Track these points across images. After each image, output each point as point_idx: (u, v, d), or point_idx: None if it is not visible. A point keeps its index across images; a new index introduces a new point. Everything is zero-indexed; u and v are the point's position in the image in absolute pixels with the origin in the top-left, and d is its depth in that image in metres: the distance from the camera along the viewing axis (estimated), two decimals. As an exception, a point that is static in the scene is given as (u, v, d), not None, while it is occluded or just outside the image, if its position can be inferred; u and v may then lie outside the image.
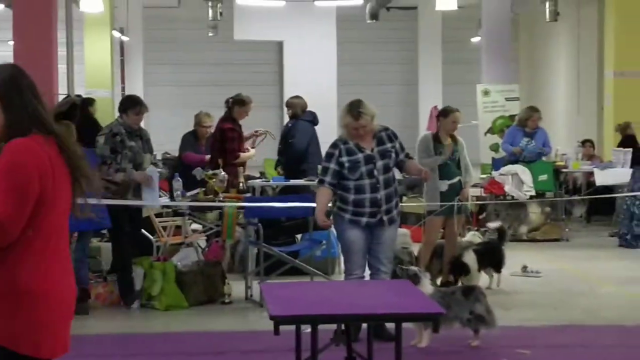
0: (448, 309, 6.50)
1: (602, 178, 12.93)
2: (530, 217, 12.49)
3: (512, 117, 15.56)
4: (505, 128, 15.22)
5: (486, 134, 16.91)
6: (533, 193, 12.15)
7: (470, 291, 6.95)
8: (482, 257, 8.98)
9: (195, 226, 10.42)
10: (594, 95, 19.78)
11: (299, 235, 9.76)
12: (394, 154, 6.92)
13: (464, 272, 8.83)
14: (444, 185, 8.81)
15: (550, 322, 7.74)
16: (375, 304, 5.08)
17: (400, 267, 7.07)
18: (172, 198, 8.96)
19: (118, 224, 8.25)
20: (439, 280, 8.99)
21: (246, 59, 26.07)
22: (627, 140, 14.00)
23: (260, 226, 8.53)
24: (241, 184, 9.74)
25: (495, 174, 12.84)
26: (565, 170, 13.75)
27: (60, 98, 13.16)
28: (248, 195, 9.63)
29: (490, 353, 6.78)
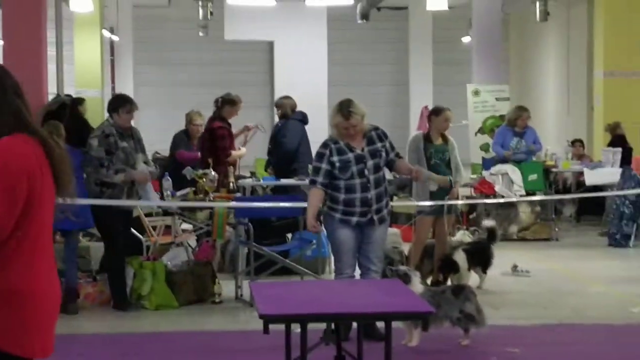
0: (438, 308, 6.52)
1: (592, 178, 12.96)
2: (520, 217, 12.52)
3: (502, 117, 15.57)
4: (495, 128, 15.24)
5: (476, 134, 16.94)
6: (523, 193, 12.17)
7: (460, 290, 6.97)
8: (472, 257, 9.00)
9: (186, 226, 10.41)
10: (584, 95, 19.80)
11: (290, 235, 9.77)
12: (384, 153, 6.93)
13: (454, 270, 8.85)
14: (434, 185, 8.82)
15: (539, 321, 7.76)
16: (365, 303, 5.08)
17: (389, 268, 7.08)
18: (162, 197, 8.93)
19: (113, 226, 8.20)
20: (430, 280, 9.01)
21: (237, 59, 26.02)
22: (617, 140, 14.03)
23: (251, 226, 8.53)
24: (231, 184, 9.73)
25: (485, 173, 12.87)
26: (555, 170, 13.80)
27: (50, 98, 13.14)
28: (238, 195, 9.62)
29: (480, 352, 6.80)
